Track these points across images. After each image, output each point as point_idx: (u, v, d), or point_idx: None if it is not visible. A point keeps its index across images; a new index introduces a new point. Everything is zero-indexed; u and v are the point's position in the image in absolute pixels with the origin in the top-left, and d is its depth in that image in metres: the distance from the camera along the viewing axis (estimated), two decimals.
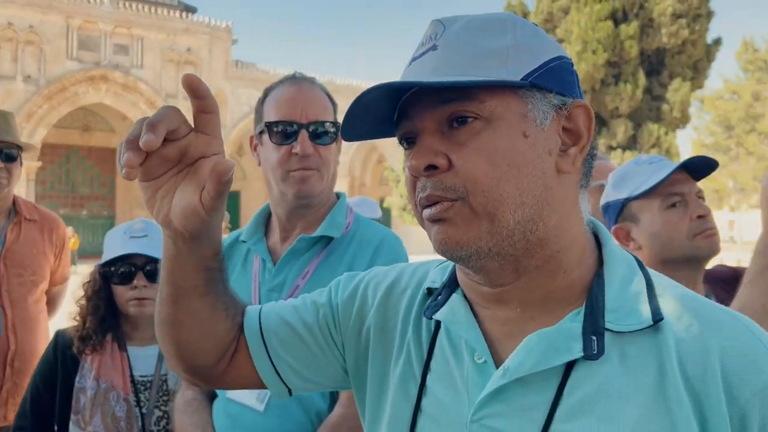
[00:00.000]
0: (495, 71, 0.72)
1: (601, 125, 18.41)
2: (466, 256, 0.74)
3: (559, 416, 0.70)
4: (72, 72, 27.88)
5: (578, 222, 0.78)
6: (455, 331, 0.81)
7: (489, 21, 0.76)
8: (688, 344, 0.69)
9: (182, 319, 0.91)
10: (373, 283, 0.97)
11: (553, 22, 18.70)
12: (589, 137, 0.77)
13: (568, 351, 0.71)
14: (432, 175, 0.74)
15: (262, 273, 1.62)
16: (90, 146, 33.30)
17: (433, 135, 0.75)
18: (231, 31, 31.39)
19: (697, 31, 17.95)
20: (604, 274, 0.76)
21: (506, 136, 0.72)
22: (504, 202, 0.72)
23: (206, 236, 0.84)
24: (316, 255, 1.60)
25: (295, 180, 1.57)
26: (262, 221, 1.73)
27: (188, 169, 0.79)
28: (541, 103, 0.74)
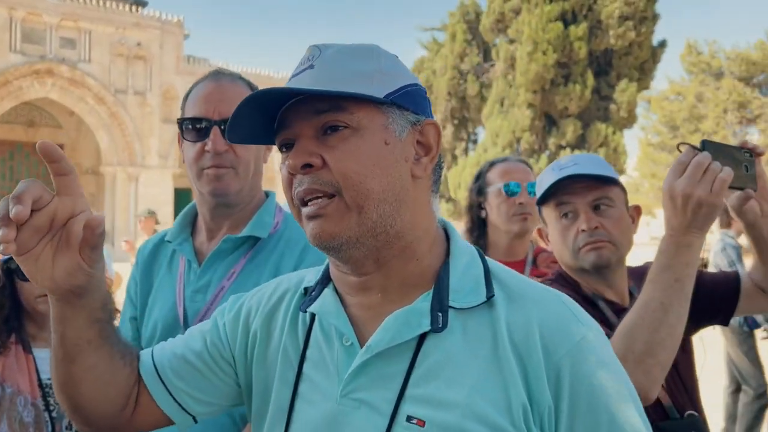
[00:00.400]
0: (363, 89, 0.85)
1: (551, 125, 18.75)
2: (338, 245, 0.86)
3: (413, 382, 0.83)
4: (15, 65, 26.95)
5: (429, 219, 0.93)
6: (326, 320, 0.93)
7: (358, 48, 0.90)
8: (514, 316, 0.85)
9: (82, 376, 0.97)
10: (257, 298, 1.06)
11: (505, 22, 18.95)
12: (437, 149, 0.92)
13: (418, 326, 0.84)
14: (308, 173, 0.86)
15: (187, 274, 1.58)
16: (35, 142, 32.07)
17: (309, 139, 0.86)
18: (183, 26, 30.81)
19: (644, 33, 18.45)
20: (450, 262, 0.90)
21: (371, 142, 0.86)
22: (370, 197, 0.85)
23: (93, 289, 0.91)
24: (242, 256, 1.55)
25: (209, 178, 1.52)
26: (188, 221, 1.68)
27: (60, 233, 0.86)
28: (399, 118, 0.88)
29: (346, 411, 0.86)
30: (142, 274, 1.67)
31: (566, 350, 0.82)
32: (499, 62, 19.09)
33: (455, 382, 0.82)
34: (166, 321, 1.55)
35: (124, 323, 1.68)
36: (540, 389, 0.80)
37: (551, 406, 0.80)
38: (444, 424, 0.80)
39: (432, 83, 20.74)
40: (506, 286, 0.89)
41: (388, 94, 0.87)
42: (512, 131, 17.95)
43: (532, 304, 0.86)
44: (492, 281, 0.89)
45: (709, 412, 1.68)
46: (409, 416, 0.82)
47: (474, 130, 20.83)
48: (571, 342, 0.82)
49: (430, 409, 0.81)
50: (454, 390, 0.81)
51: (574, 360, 0.81)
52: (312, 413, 0.90)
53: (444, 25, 21.22)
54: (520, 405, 0.80)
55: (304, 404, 0.92)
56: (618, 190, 1.60)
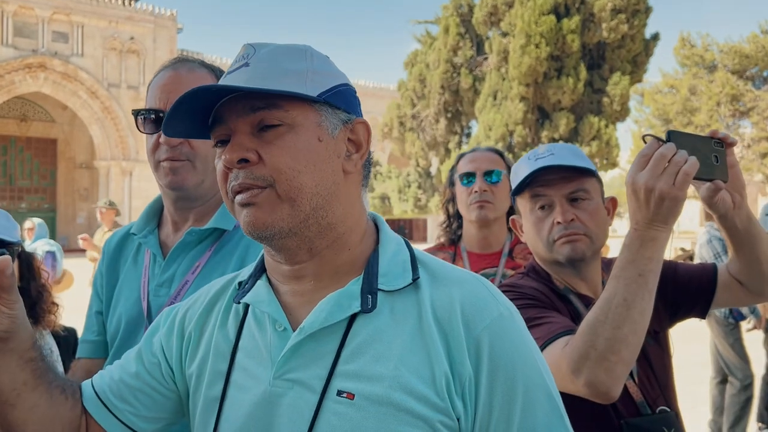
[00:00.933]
0: (297, 87, 0.89)
1: (544, 118, 18.75)
2: (270, 235, 0.89)
3: (343, 359, 0.88)
4: (7, 59, 26.81)
5: (360, 211, 0.98)
6: (259, 308, 0.96)
7: (292, 48, 0.93)
8: (438, 296, 0.91)
9: (26, 418, 0.97)
10: (191, 303, 1.09)
11: (498, 15, 18.90)
12: (367, 146, 0.97)
13: (349, 307, 0.89)
14: (244, 167, 0.89)
15: (152, 268, 1.55)
16: (28, 137, 32.13)
17: (245, 135, 0.89)
18: (176, 20, 30.69)
19: (636, 26, 18.44)
20: (379, 249, 0.96)
21: (305, 139, 0.89)
22: (303, 191, 0.88)
23: (19, 330, 0.93)
24: (207, 248, 1.52)
25: (164, 171, 1.50)
26: (154, 213, 1.65)
27: None
28: (331, 116, 0.92)
29: (279, 392, 0.90)
30: (108, 267, 1.65)
31: (485, 325, 0.88)
32: (492, 55, 19.06)
33: (383, 357, 0.87)
34: (130, 315, 1.53)
35: (91, 317, 1.66)
36: (461, 361, 0.86)
37: (471, 376, 0.86)
38: (372, 396, 0.85)
39: (425, 76, 20.68)
40: (430, 269, 0.95)
41: (321, 93, 0.91)
42: (505, 124, 17.94)
43: (453, 284, 0.92)
44: (417, 266, 0.95)
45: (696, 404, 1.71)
46: (339, 391, 0.86)
47: (467, 123, 20.79)
48: (489, 317, 0.89)
49: (359, 382, 0.86)
50: (382, 364, 0.86)
51: (493, 334, 0.88)
52: (244, 399, 0.93)
53: (437, 18, 21.16)
54: (443, 376, 0.85)
55: (236, 392, 0.95)
56: (594, 181, 1.57)
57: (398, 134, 21.32)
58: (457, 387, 0.86)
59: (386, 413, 0.84)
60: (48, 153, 32.91)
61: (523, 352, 0.89)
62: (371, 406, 0.85)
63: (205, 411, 0.98)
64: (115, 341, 1.55)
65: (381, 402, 0.84)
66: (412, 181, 21.40)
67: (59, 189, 33.01)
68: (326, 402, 0.86)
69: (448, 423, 0.85)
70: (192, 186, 1.51)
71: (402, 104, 21.20)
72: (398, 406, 0.84)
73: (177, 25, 30.70)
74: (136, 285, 1.56)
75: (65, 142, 32.92)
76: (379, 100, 39.24)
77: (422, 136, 20.66)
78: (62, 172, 33.03)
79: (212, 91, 0.88)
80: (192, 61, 1.58)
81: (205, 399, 0.98)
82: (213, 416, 0.96)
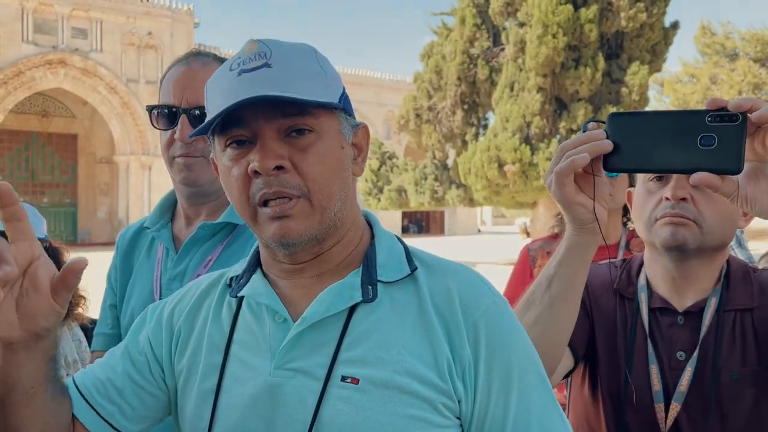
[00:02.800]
0: (321, 93, 0.89)
1: (561, 108, 18.57)
2: (301, 243, 0.91)
3: (345, 346, 0.90)
4: (28, 56, 27.12)
5: (357, 210, 1.01)
6: (258, 300, 0.97)
7: (302, 50, 0.92)
8: (435, 285, 0.94)
9: (33, 419, 0.92)
10: (179, 298, 1.09)
11: (514, 5, 18.72)
12: (367, 150, 1.00)
13: (350, 298, 0.92)
14: (277, 175, 0.88)
15: (164, 261, 1.57)
16: (50, 132, 32.50)
17: (275, 141, 0.88)
18: (193, 14, 30.81)
19: (655, 15, 18.14)
20: (375, 244, 0.99)
21: (331, 146, 0.91)
22: (332, 198, 0.91)
23: (56, 327, 0.91)
24: (219, 243, 1.53)
25: (179, 167, 1.50)
26: (168, 207, 1.66)
27: (22, 279, 0.84)
28: (346, 122, 0.95)
29: (281, 381, 0.91)
30: (122, 261, 1.68)
31: (482, 311, 0.92)
32: (508, 46, 18.90)
33: (385, 343, 0.90)
34: (143, 309, 1.54)
35: (105, 311, 1.69)
36: (461, 345, 0.90)
37: (471, 360, 0.90)
38: (376, 380, 0.87)
39: (442, 68, 20.58)
40: (425, 261, 0.99)
41: (338, 98, 0.93)
42: (522, 115, 17.80)
43: (449, 274, 0.96)
44: (413, 258, 0.98)
45: None
46: (343, 376, 0.88)
47: (484, 114, 20.67)
48: (485, 304, 0.93)
49: (362, 368, 0.88)
50: (384, 350, 0.89)
51: (489, 320, 0.92)
52: (242, 390, 0.94)
53: (453, 9, 21.03)
54: (445, 359, 0.89)
55: (233, 383, 0.95)
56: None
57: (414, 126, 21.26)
58: (458, 370, 0.89)
59: (391, 396, 0.87)
60: (69, 148, 33.27)
61: (517, 337, 0.94)
62: (376, 389, 0.87)
63: (199, 404, 0.98)
64: None
65: (386, 385, 0.87)
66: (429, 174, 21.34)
67: (80, 184, 33.39)
68: (330, 388, 0.88)
69: (450, 405, 0.88)
70: (206, 182, 1.52)
71: (418, 96, 21.13)
72: (402, 388, 0.87)
73: (194, 20, 30.82)
74: (149, 278, 1.58)
75: (85, 137, 33.26)
76: (395, 92, 39.12)
77: (439, 128, 20.58)
78: (83, 167, 33.39)
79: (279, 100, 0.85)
80: (205, 54, 1.57)
81: (199, 392, 0.98)
82: (208, 409, 0.96)
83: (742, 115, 0.85)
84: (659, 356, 1.30)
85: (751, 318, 1.26)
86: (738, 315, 1.27)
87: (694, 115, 0.88)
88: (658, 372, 1.28)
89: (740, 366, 1.23)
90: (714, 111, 0.86)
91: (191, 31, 30.66)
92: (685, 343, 1.29)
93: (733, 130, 0.85)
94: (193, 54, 1.57)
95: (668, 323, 1.31)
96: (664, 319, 1.32)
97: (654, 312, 1.33)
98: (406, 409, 0.86)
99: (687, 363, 1.27)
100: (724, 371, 1.24)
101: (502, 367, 0.90)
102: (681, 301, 1.32)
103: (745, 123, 0.85)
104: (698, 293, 1.31)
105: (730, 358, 1.24)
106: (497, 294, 0.97)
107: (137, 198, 29.24)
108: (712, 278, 1.31)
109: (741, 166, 0.85)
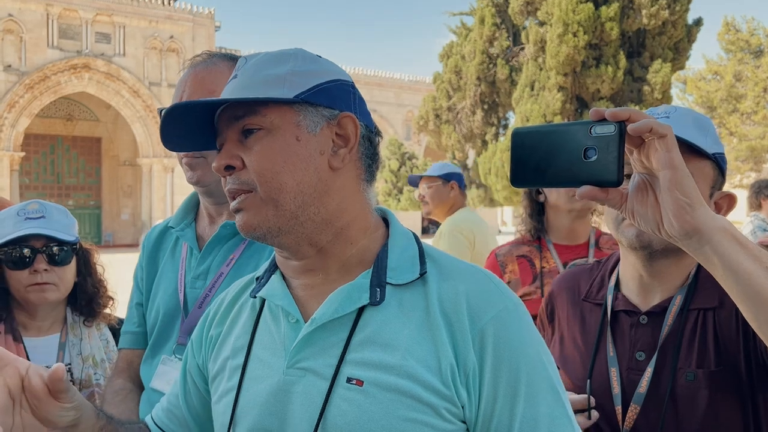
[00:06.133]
0: (274, 91, 0.93)
1: (582, 107, 18.44)
2: (262, 235, 0.94)
3: (352, 348, 0.92)
4: (53, 61, 27.58)
5: (360, 206, 1.00)
6: (273, 302, 1.01)
7: (278, 55, 0.98)
8: (444, 289, 0.94)
9: None
10: (218, 304, 1.15)
11: (534, 4, 18.64)
12: (355, 140, 0.97)
13: (358, 300, 0.93)
14: (230, 174, 0.95)
15: (188, 260, 1.60)
16: (74, 136, 33.01)
17: (232, 143, 0.95)
18: (214, 18, 31.10)
19: (678, 12, 17.95)
20: (388, 244, 0.99)
21: (282, 140, 0.93)
22: (283, 190, 0.92)
23: (84, 410, 0.98)
24: (241, 241, 1.55)
25: (185, 168, 1.55)
26: (191, 207, 1.69)
27: (22, 397, 0.91)
28: (312, 114, 0.95)
29: (292, 380, 0.95)
30: (148, 260, 1.71)
31: (490, 317, 0.91)
32: (528, 45, 18.82)
33: (390, 347, 0.91)
34: (168, 307, 1.58)
35: (131, 309, 1.73)
36: (466, 351, 0.89)
37: (476, 367, 0.89)
38: (381, 383, 0.89)
39: (461, 68, 20.56)
40: (438, 264, 0.98)
41: (298, 93, 0.94)
42: (543, 115, 17.71)
43: (460, 278, 0.95)
44: (426, 260, 0.98)
45: None
46: (348, 378, 0.90)
47: (504, 114, 20.61)
48: (494, 310, 0.91)
49: (367, 370, 0.90)
50: (390, 354, 0.90)
51: (497, 326, 0.90)
52: (259, 388, 0.98)
53: (472, 9, 20.99)
54: (449, 366, 0.89)
55: (251, 382, 1.00)
56: (705, 164, 1.23)
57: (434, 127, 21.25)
58: (462, 377, 0.89)
59: (394, 399, 0.88)
60: (93, 151, 33.75)
61: (527, 344, 0.91)
62: (380, 392, 0.88)
63: (223, 402, 1.03)
64: (154, 332, 1.61)
65: (389, 389, 0.88)
66: None
67: (104, 186, 33.85)
68: (336, 388, 0.90)
69: (453, 410, 0.89)
70: (212, 182, 1.54)
71: (438, 96, 21.12)
72: (406, 392, 0.88)
73: (215, 23, 31.11)
74: (173, 277, 1.61)
75: (109, 140, 33.72)
76: (415, 93, 39.09)
77: (458, 128, 20.55)
78: (107, 170, 33.85)
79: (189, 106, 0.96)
80: (214, 55, 1.58)
81: (223, 391, 1.04)
82: (230, 407, 1.00)
83: (616, 125, 0.81)
84: (620, 358, 1.29)
85: (714, 317, 1.23)
86: (701, 314, 1.24)
87: (580, 127, 0.84)
88: (618, 375, 1.28)
89: (696, 367, 1.21)
90: (595, 122, 0.83)
91: (212, 34, 30.93)
92: (646, 343, 1.27)
93: (610, 141, 0.81)
94: (203, 56, 1.58)
95: (630, 324, 1.30)
96: (628, 319, 1.31)
97: (617, 314, 1.33)
98: (409, 413, 0.87)
99: (647, 364, 1.25)
100: (680, 372, 1.22)
101: (510, 374, 0.89)
102: (648, 300, 1.31)
103: (622, 133, 0.81)
104: (667, 292, 1.29)
105: (687, 358, 1.22)
106: (510, 298, 0.94)
107: (160, 200, 29.57)
108: (681, 276, 1.28)
109: (619, 177, 0.81)
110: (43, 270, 1.81)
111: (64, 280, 1.89)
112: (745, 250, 0.84)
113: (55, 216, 1.87)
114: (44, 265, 1.81)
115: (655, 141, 0.82)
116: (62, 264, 1.87)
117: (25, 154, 28.51)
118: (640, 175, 0.87)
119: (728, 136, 23.89)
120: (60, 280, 1.87)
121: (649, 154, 0.84)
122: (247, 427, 0.97)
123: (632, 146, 0.85)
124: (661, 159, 0.82)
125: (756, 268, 0.83)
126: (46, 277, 1.82)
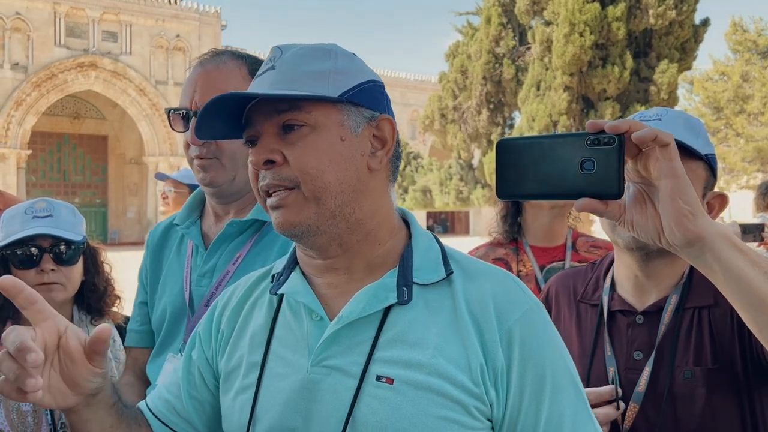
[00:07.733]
0: (319, 88, 0.92)
1: (588, 107, 18.38)
2: (299, 233, 0.94)
3: (380, 346, 0.92)
4: (60, 59, 27.69)
5: (388, 207, 1.01)
6: (295, 299, 1.00)
7: (317, 49, 0.97)
8: (470, 289, 0.95)
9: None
10: (227, 298, 1.14)
11: (541, 4, 18.58)
12: (392, 142, 0.99)
13: (386, 299, 0.93)
14: (270, 168, 0.94)
15: (194, 258, 1.58)
16: (81, 134, 33.13)
17: (271, 137, 0.94)
18: (220, 16, 31.15)
19: (685, 12, 17.85)
20: (412, 244, 1.00)
21: (327, 139, 0.93)
22: (327, 190, 0.92)
23: (107, 384, 0.97)
24: (248, 239, 1.53)
25: (196, 169, 1.52)
26: (197, 205, 1.68)
27: (56, 355, 0.89)
28: (354, 115, 0.95)
29: (318, 378, 0.94)
30: (152, 258, 1.70)
31: (516, 318, 0.92)
32: (535, 45, 18.77)
33: (419, 345, 0.91)
34: (174, 306, 1.57)
35: (136, 307, 1.72)
36: (494, 350, 0.90)
37: (504, 366, 0.90)
38: (411, 381, 0.89)
39: (467, 68, 20.53)
40: (462, 264, 0.99)
41: (343, 92, 0.94)
42: (549, 115, 17.65)
43: (485, 279, 0.96)
44: (449, 261, 0.99)
45: None
46: (378, 375, 0.90)
47: (510, 114, 20.55)
48: (520, 310, 0.93)
49: (397, 368, 0.90)
50: (419, 352, 0.90)
51: (524, 326, 0.92)
52: (281, 386, 0.97)
53: (479, 9, 20.95)
54: (478, 364, 0.89)
55: (272, 379, 0.98)
56: (698, 165, 1.24)
57: (439, 126, 21.23)
58: (491, 376, 0.90)
59: (424, 397, 0.88)
60: (99, 149, 33.88)
61: (551, 343, 0.94)
62: (410, 390, 0.88)
63: (240, 399, 1.01)
64: (161, 331, 1.60)
65: (420, 387, 0.88)
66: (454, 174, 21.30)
67: (110, 184, 33.97)
68: (365, 386, 0.90)
69: (482, 408, 0.89)
70: (223, 183, 1.53)
71: (443, 96, 21.09)
72: (437, 390, 0.88)
73: (221, 22, 31.16)
74: (179, 275, 1.59)
75: (115, 138, 33.83)
76: (420, 92, 39.09)
77: (464, 128, 20.52)
78: (113, 168, 33.97)
79: (238, 98, 0.93)
80: (222, 53, 1.56)
81: (240, 387, 1.02)
82: (249, 404, 0.99)
83: (617, 137, 0.80)
84: (617, 358, 1.31)
85: (709, 315, 1.25)
86: (696, 313, 1.27)
87: (575, 139, 0.83)
88: (616, 374, 1.29)
89: (693, 365, 1.23)
90: (592, 134, 0.82)
91: (218, 33, 31.00)
92: (643, 343, 1.29)
93: (610, 154, 0.81)
94: (211, 54, 1.56)
95: (627, 323, 1.32)
96: (624, 319, 1.33)
97: (613, 314, 1.35)
98: (439, 411, 0.87)
99: (645, 363, 1.27)
100: (678, 370, 1.24)
101: (535, 374, 0.90)
102: (643, 300, 1.32)
103: (622, 146, 0.80)
104: (662, 291, 1.31)
105: (684, 356, 1.24)
106: (533, 300, 0.96)
107: None
108: (676, 276, 1.31)
109: (620, 190, 0.81)
110: (50, 270, 1.80)
111: (71, 280, 1.89)
112: (744, 256, 0.86)
113: (63, 215, 1.86)
114: (51, 265, 1.81)
115: (657, 150, 0.82)
116: (69, 264, 1.87)
117: (32, 151, 28.62)
118: (636, 185, 0.86)
119: (735, 137, 23.81)
120: (67, 280, 1.87)
121: (647, 163, 0.83)
122: (268, 425, 0.96)
123: (628, 156, 0.84)
124: (663, 168, 0.82)
125: (756, 274, 0.85)
126: (53, 277, 1.81)
